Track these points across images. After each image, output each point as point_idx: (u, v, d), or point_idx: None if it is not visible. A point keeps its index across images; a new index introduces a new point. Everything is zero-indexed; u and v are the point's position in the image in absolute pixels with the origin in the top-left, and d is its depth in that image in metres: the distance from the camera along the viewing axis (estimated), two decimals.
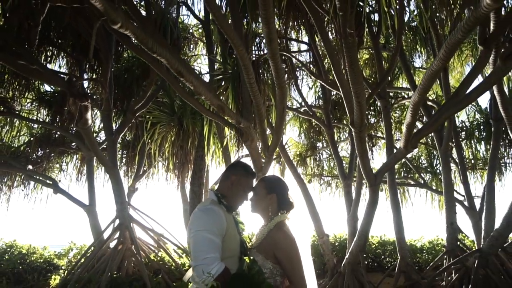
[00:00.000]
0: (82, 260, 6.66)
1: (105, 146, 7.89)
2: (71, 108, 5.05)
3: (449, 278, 6.67)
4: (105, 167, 6.97)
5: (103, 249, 6.61)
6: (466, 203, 8.88)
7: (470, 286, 6.05)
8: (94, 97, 7.95)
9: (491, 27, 3.69)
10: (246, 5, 5.72)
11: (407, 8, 6.19)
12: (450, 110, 4.05)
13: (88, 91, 8.12)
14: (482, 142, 11.49)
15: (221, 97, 6.45)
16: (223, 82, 6.89)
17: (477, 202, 8.43)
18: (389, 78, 9.25)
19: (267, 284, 1.72)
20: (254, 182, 2.14)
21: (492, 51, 4.00)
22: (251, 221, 2.15)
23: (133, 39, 2.68)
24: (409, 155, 13.25)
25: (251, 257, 1.85)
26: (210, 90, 3.82)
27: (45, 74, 4.86)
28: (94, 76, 8.07)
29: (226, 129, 6.46)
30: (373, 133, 12.22)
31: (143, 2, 7.03)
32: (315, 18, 4.65)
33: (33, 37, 4.90)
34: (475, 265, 6.16)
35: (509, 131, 5.77)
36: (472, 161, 12.16)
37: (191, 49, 11.34)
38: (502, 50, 3.53)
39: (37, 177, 8.55)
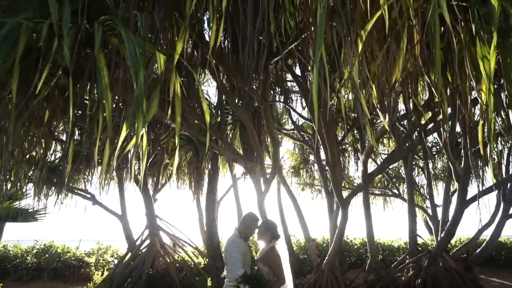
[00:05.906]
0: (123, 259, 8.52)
1: None
2: None
3: (408, 274, 8.53)
4: (139, 186, 8.78)
5: (136, 252, 8.45)
6: (430, 211, 10.76)
7: (420, 279, 7.92)
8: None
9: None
10: None
11: None
12: (390, 162, 5.87)
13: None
14: None
15: (230, 134, 8.26)
16: (230, 119, 8.70)
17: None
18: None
19: (265, 278, 3.55)
20: (259, 223, 3.95)
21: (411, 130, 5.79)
22: (256, 245, 3.98)
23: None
24: (390, 167, 15.24)
25: (257, 266, 3.68)
26: (232, 151, 5.62)
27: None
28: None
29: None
30: (358, 147, 13.99)
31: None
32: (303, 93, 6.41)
33: None
34: (426, 263, 8.03)
35: (451, 166, 7.50)
36: (446, 173, 14.06)
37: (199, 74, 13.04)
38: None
39: (77, 191, 10.30)
